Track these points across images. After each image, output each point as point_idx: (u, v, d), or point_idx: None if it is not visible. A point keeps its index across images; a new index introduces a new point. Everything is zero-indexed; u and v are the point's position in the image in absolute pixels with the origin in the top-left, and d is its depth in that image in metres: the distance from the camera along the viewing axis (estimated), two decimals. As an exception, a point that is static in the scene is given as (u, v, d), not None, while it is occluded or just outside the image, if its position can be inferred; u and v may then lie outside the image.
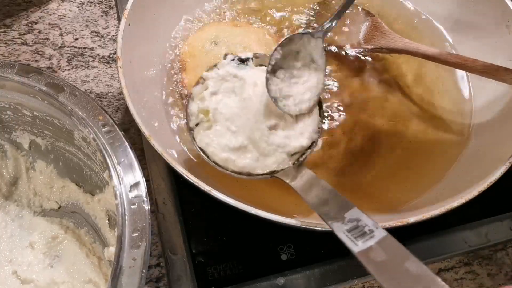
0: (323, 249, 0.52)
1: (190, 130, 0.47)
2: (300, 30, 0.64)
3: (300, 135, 0.44)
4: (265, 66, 0.46)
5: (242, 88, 0.45)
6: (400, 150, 0.56)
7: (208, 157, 0.46)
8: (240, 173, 0.45)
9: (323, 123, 0.46)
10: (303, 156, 0.44)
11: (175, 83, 0.57)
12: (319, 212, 0.38)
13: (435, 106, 0.59)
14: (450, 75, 0.62)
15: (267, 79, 0.43)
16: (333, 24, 0.47)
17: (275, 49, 0.43)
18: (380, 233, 0.34)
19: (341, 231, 0.35)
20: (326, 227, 0.42)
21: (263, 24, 0.63)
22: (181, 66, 0.58)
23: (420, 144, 0.56)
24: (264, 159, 0.44)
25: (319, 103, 0.46)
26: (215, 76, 0.47)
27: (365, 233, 0.34)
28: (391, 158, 0.55)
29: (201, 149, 0.46)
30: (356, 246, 0.34)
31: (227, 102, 0.45)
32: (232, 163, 0.45)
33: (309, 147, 0.45)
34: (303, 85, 0.45)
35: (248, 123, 0.44)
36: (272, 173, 0.44)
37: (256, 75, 0.46)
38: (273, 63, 0.43)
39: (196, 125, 0.47)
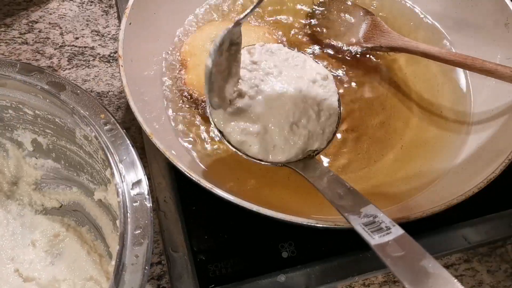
0: (324, 246, 0.52)
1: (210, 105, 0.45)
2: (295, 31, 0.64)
3: (321, 134, 0.45)
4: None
5: (276, 76, 0.45)
6: (399, 147, 0.56)
7: (223, 135, 0.45)
8: (252, 157, 0.45)
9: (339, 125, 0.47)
10: (315, 152, 0.45)
11: (176, 81, 0.58)
12: (334, 204, 0.38)
13: (434, 103, 0.60)
14: (449, 73, 0.62)
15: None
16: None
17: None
18: (398, 230, 0.34)
19: (358, 224, 0.35)
20: (327, 224, 0.42)
21: (262, 23, 0.64)
22: (181, 64, 0.58)
23: (419, 142, 0.56)
24: (280, 150, 0.44)
25: (339, 105, 0.46)
26: (260, 49, 0.47)
27: (381, 228, 0.34)
28: (391, 155, 0.55)
29: (215, 125, 0.45)
30: (373, 239, 0.33)
31: (258, 82, 0.45)
32: (247, 147, 0.45)
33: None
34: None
35: (272, 113, 0.44)
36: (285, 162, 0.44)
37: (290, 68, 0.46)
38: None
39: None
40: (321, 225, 0.42)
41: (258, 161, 0.45)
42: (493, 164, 0.47)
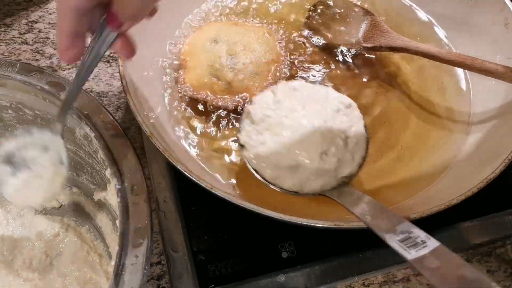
0: (324, 246, 0.52)
1: (241, 145, 0.48)
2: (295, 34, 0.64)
3: (351, 160, 0.46)
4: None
5: (300, 111, 0.47)
6: (399, 147, 0.56)
7: (256, 171, 0.47)
8: (287, 190, 0.46)
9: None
10: (348, 178, 0.46)
11: (176, 81, 0.57)
12: (370, 225, 0.39)
13: (434, 104, 0.60)
14: (449, 73, 0.62)
15: None
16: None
17: None
18: (434, 243, 0.35)
19: (394, 241, 0.36)
20: (327, 224, 0.42)
21: (262, 23, 0.64)
22: (181, 64, 0.58)
23: (419, 142, 0.56)
24: (313, 180, 0.45)
25: (365, 130, 0.48)
26: (283, 88, 0.49)
27: (417, 243, 0.35)
28: (391, 155, 0.55)
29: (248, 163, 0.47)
30: (409, 254, 0.34)
31: (284, 120, 0.47)
32: (281, 181, 0.46)
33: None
34: None
35: (301, 146, 0.45)
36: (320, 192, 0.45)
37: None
38: None
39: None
40: (321, 225, 0.42)
41: (294, 193, 0.46)
42: (493, 164, 0.46)
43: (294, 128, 0.46)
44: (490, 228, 0.55)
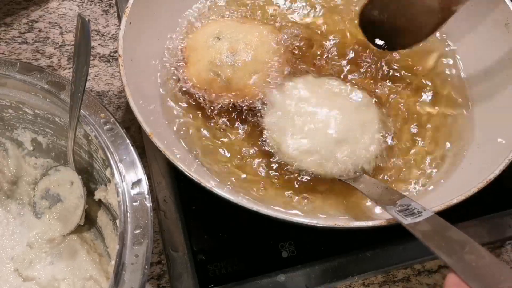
0: (324, 246, 0.52)
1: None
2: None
3: (365, 152, 0.51)
4: None
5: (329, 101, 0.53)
6: (400, 147, 0.56)
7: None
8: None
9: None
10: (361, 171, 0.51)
11: (177, 78, 0.57)
12: (375, 201, 0.44)
13: (436, 106, 0.59)
14: (453, 79, 0.61)
15: None
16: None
17: None
18: (428, 213, 0.39)
19: (393, 211, 0.41)
20: (327, 224, 0.42)
21: (265, 21, 0.63)
22: (183, 59, 0.58)
23: (420, 142, 0.56)
24: (331, 165, 0.50)
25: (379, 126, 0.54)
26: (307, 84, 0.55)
27: (414, 213, 0.40)
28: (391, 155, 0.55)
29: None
30: (406, 221, 0.39)
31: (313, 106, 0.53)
32: (302, 160, 0.50)
33: None
34: None
35: (320, 135, 0.51)
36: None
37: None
38: None
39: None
40: (321, 225, 0.42)
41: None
42: (493, 164, 0.46)
43: (316, 119, 0.52)
44: (490, 228, 0.55)
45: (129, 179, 0.42)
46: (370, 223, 0.42)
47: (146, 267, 0.38)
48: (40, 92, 0.46)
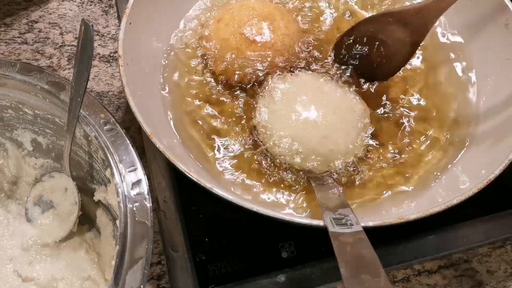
0: (324, 246, 0.52)
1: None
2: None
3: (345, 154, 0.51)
4: None
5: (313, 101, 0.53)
6: (399, 147, 0.56)
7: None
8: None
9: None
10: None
11: (179, 79, 0.57)
12: (321, 204, 0.44)
13: (438, 106, 0.59)
14: (457, 83, 0.61)
15: None
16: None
17: None
18: (357, 227, 0.40)
19: (328, 217, 0.42)
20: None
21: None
22: (214, 20, 0.59)
23: (420, 142, 0.56)
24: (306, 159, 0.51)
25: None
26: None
27: (345, 224, 0.41)
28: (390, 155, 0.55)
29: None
30: (333, 228, 0.40)
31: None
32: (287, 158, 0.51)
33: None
34: None
35: (307, 131, 0.51)
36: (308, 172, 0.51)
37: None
38: None
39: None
40: (321, 225, 0.42)
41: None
42: (493, 164, 0.46)
43: (305, 115, 0.52)
44: (490, 228, 0.55)
45: (129, 180, 0.42)
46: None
47: (146, 267, 0.38)
48: (40, 93, 0.46)
